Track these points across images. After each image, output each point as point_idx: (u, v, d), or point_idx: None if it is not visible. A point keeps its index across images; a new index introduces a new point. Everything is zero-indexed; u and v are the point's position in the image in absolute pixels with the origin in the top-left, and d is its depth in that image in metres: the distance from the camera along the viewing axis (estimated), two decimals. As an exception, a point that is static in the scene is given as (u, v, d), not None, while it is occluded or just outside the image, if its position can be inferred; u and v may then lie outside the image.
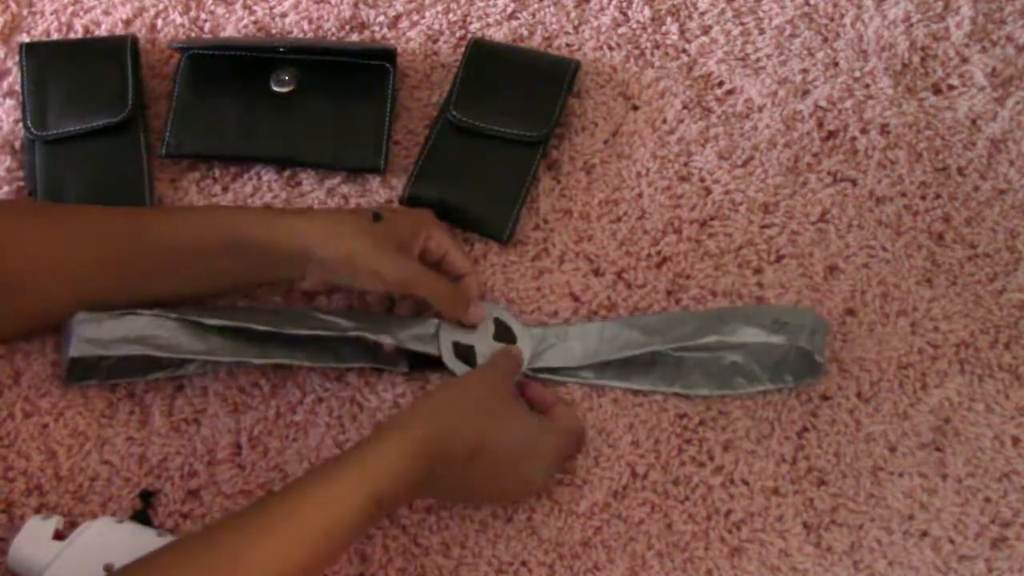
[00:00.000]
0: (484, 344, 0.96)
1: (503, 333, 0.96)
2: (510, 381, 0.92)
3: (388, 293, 0.97)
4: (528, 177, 1.02)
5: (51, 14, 1.08)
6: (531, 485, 0.90)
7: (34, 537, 0.84)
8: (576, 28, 1.09)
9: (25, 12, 1.09)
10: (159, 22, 1.08)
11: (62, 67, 1.03)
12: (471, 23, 1.09)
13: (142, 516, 0.89)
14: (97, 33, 1.08)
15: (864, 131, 1.05)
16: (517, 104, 1.03)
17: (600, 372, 0.95)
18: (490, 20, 1.09)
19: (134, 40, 1.05)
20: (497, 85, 1.04)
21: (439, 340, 0.95)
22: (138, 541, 0.83)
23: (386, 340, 0.93)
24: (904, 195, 1.03)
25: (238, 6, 1.09)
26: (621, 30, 1.09)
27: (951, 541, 0.92)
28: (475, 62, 1.05)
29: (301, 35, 1.09)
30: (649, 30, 1.09)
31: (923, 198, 1.03)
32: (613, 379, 0.95)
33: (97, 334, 0.90)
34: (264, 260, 0.91)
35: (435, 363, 0.95)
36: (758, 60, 1.08)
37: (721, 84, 1.07)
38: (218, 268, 0.92)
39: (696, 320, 0.96)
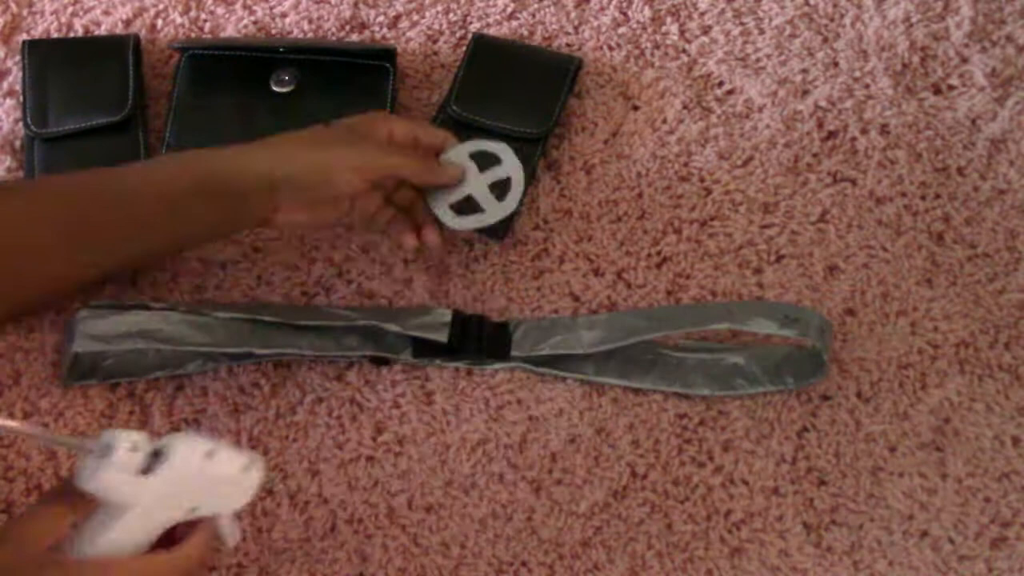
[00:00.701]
0: (475, 185, 0.94)
1: (486, 162, 0.95)
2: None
3: (366, 190, 0.91)
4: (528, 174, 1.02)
5: (51, 14, 1.08)
6: None
7: (121, 471, 0.72)
8: (576, 28, 1.09)
9: (25, 12, 1.09)
10: (159, 22, 1.08)
11: (63, 65, 1.03)
12: (471, 23, 1.09)
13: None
14: (97, 33, 1.08)
15: (864, 131, 1.05)
16: (518, 101, 1.03)
17: (601, 367, 0.95)
18: (490, 20, 1.09)
19: (136, 39, 1.05)
20: (499, 81, 1.04)
21: (436, 211, 0.93)
22: (220, 476, 0.76)
23: (393, 328, 0.93)
24: (904, 195, 1.03)
25: (238, 6, 1.09)
26: (621, 30, 1.09)
27: (951, 541, 0.92)
28: (477, 58, 1.05)
29: (301, 35, 1.09)
30: (649, 30, 1.09)
31: (923, 198, 1.03)
32: (613, 376, 0.95)
33: (100, 330, 0.90)
34: (233, 198, 0.87)
35: (440, 352, 0.95)
36: (758, 60, 1.08)
37: (721, 84, 1.07)
38: (190, 216, 0.88)
39: (706, 310, 0.96)
